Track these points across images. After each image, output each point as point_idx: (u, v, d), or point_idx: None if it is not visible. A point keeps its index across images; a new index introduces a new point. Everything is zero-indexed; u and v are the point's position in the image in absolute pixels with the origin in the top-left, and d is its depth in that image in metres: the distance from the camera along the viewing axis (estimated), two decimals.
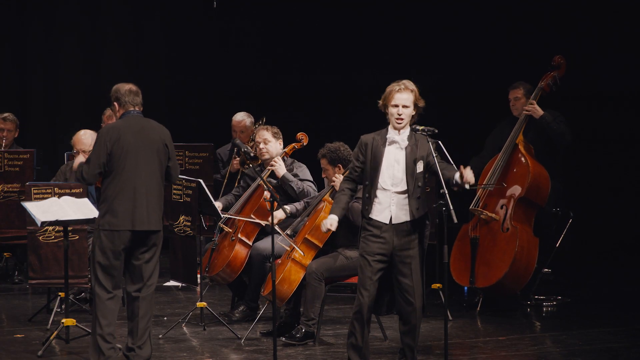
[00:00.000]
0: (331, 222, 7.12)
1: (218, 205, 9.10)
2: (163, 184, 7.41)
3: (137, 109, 7.41)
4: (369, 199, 7.03)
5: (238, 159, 10.35)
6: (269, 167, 9.10)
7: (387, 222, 7.01)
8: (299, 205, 8.81)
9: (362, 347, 7.07)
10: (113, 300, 7.26)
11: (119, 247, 7.21)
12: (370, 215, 7.03)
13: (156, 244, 7.34)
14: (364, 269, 7.03)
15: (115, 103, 7.43)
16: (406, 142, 7.03)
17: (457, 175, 6.91)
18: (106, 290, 7.24)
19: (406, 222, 7.03)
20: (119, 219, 7.20)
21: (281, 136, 9.28)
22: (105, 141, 7.24)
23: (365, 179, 7.06)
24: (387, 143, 7.03)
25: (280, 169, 9.05)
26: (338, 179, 8.36)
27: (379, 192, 7.01)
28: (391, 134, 7.04)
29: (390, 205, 7.01)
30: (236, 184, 9.76)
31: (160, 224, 7.36)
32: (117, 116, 7.46)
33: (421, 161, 7.00)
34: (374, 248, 7.02)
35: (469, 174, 6.86)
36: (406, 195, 7.01)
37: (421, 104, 7.05)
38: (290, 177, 9.03)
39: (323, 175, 8.58)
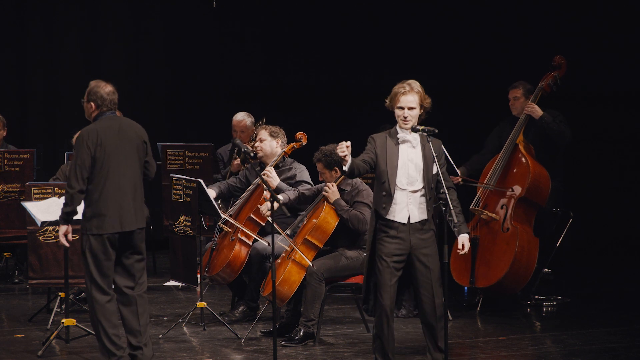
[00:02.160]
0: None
1: (211, 192, 9.03)
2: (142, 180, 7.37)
3: (112, 109, 7.35)
4: (388, 198, 6.96)
5: (239, 159, 10.34)
6: (263, 174, 8.99)
7: (405, 221, 6.99)
8: (291, 194, 8.67)
9: (387, 349, 7.03)
10: (111, 302, 7.23)
11: (109, 249, 7.18)
12: (388, 216, 6.99)
13: (142, 244, 7.31)
14: (383, 272, 6.98)
15: (92, 104, 7.32)
16: (418, 141, 7.04)
17: (455, 217, 7.02)
18: (103, 292, 7.21)
19: (422, 220, 7.03)
20: (107, 222, 7.15)
21: (280, 135, 9.21)
22: (87, 145, 7.16)
23: (381, 179, 7.01)
24: (399, 142, 7.03)
25: (274, 180, 9.00)
26: (331, 189, 8.34)
27: (396, 192, 6.99)
28: (401, 133, 7.03)
29: (407, 204, 6.99)
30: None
31: (144, 220, 7.34)
32: (91, 117, 7.34)
33: (435, 163, 7.02)
34: (392, 249, 6.98)
35: (465, 246, 7.11)
36: (422, 193, 7.01)
37: (427, 103, 7.06)
38: (284, 186, 8.96)
39: (321, 179, 8.56)
